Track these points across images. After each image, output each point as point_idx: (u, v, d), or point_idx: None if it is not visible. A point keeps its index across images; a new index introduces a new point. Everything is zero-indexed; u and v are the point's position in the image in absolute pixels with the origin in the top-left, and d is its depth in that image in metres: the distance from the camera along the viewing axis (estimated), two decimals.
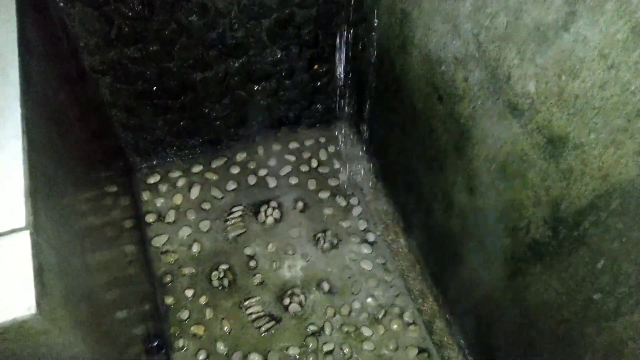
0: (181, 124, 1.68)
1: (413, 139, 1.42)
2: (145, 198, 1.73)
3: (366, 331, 1.51)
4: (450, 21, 1.09)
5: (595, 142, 0.79)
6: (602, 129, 0.77)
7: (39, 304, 0.52)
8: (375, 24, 1.48)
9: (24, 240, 0.54)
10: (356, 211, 1.76)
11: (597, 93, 0.77)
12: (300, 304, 1.54)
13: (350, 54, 1.65)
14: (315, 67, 1.69)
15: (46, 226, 0.61)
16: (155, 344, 1.31)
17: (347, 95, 1.83)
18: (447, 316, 1.50)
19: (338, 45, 1.62)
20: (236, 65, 1.56)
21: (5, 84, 0.65)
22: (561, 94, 0.83)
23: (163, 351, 1.34)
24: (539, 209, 0.95)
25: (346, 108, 1.88)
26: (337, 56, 1.66)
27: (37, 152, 0.66)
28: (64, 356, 0.62)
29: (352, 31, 1.58)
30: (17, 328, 0.52)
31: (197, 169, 1.81)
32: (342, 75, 1.72)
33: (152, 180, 1.77)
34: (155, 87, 1.51)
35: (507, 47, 0.93)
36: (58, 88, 1.01)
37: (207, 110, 1.67)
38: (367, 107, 1.74)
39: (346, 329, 1.51)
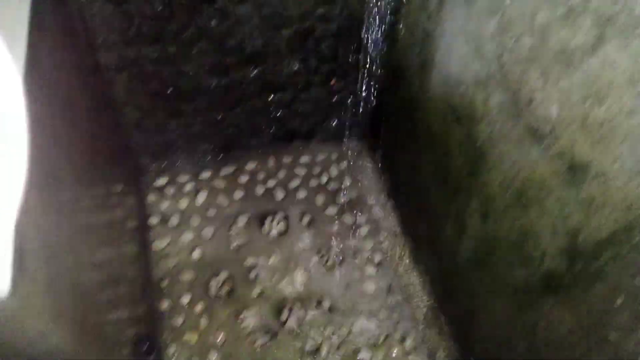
0: (193, 128, 1.67)
1: (427, 160, 1.39)
2: (151, 200, 1.71)
3: (365, 355, 1.45)
4: (474, 41, 1.06)
5: (619, 171, 0.75)
6: (627, 158, 0.73)
7: (14, 287, 0.49)
8: (396, 43, 1.46)
9: (7, 218, 0.51)
10: (363, 230, 1.72)
11: (623, 120, 0.73)
12: (298, 320, 1.49)
13: (368, 71, 1.63)
14: (332, 82, 1.67)
15: (35, 208, 0.59)
16: (145, 348, 1.27)
17: (362, 113, 1.81)
18: (451, 347, 1.44)
19: (356, 62, 1.61)
20: (253, 74, 1.55)
21: (9, 55, 0.63)
22: (585, 120, 0.79)
23: (152, 357, 1.30)
24: (555, 238, 0.91)
25: (360, 126, 1.86)
26: (355, 73, 1.65)
27: (35, 131, 0.64)
28: (39, 346, 0.59)
29: (371, 48, 1.57)
30: None
31: (205, 175, 1.79)
32: (358, 93, 1.70)
33: (159, 182, 1.76)
34: (170, 89, 1.51)
35: (530, 70, 0.90)
36: (69, 78, 1.00)
37: (220, 117, 1.66)
38: (382, 125, 1.72)
39: (344, 351, 1.45)
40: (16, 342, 0.57)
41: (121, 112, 1.54)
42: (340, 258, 1.64)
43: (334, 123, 1.84)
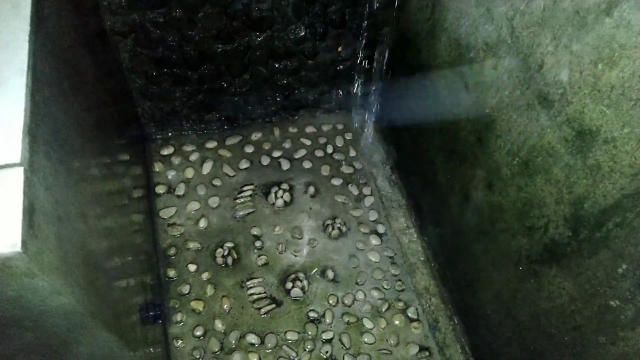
0: (199, 96, 1.67)
1: (434, 130, 1.38)
2: (157, 169, 1.73)
3: (367, 323, 1.48)
4: (484, 4, 1.04)
5: (628, 137, 0.74)
6: (638, 123, 0.73)
7: (24, 243, 0.50)
8: (406, 7, 1.44)
9: (17, 176, 0.53)
10: (368, 201, 1.73)
11: (635, 84, 0.72)
12: (302, 289, 1.52)
13: (376, 37, 1.61)
14: (340, 49, 1.65)
15: (44, 168, 0.60)
16: (153, 314, 1.30)
17: (369, 81, 1.79)
18: (453, 316, 1.46)
19: (364, 28, 1.58)
20: (259, 39, 1.54)
21: (16, 17, 0.64)
22: (596, 84, 0.78)
23: (159, 321, 1.33)
24: (560, 207, 0.91)
25: (367, 95, 1.84)
26: (363, 40, 1.62)
27: (43, 93, 0.65)
28: (50, 303, 0.61)
29: (380, 14, 1.54)
30: (1, 265, 0.50)
31: (211, 144, 1.80)
32: (365, 60, 1.68)
33: (165, 151, 1.77)
34: (175, 56, 1.50)
35: (542, 33, 0.89)
36: (75, 41, 1.00)
37: (225, 85, 1.65)
38: (389, 94, 1.70)
39: (347, 319, 1.48)
40: (28, 298, 0.59)
41: (127, 79, 1.54)
42: (345, 229, 1.66)
43: (341, 92, 1.83)
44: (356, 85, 1.80)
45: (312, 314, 1.48)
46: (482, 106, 1.10)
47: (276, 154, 1.81)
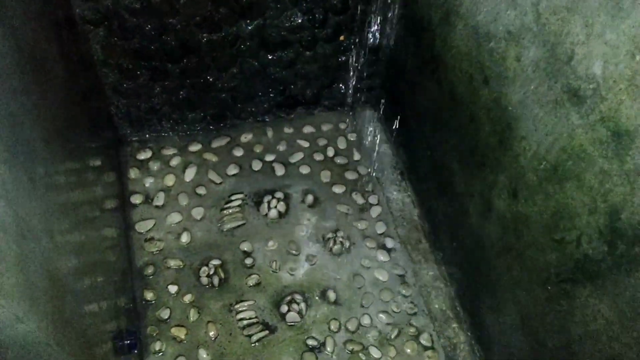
0: (181, 93, 1.68)
1: (449, 130, 1.39)
2: (133, 176, 1.73)
3: (375, 352, 1.48)
4: None
5: None
6: None
7: None
8: None
9: None
10: (375, 211, 1.73)
11: None
12: (300, 313, 1.52)
13: (383, 25, 1.62)
14: (342, 38, 1.66)
15: (3, 176, 0.60)
16: (128, 342, 1.30)
17: (375, 74, 1.80)
18: (473, 343, 1.46)
19: (370, 14, 1.59)
20: (249, 28, 1.55)
21: None
22: (633, 78, 0.79)
23: (135, 351, 1.33)
24: (594, 217, 0.91)
25: (373, 90, 1.85)
26: (368, 27, 1.64)
27: (1, 88, 0.65)
28: (10, 333, 0.61)
29: None
30: None
31: (195, 147, 1.81)
32: (371, 51, 1.69)
33: (142, 156, 1.77)
34: (154, 46, 1.51)
35: (571, 20, 0.89)
36: (41, 31, 1.01)
37: (211, 80, 1.66)
38: (398, 89, 1.71)
39: (351, 347, 1.48)
40: None
41: (99, 73, 1.55)
42: (348, 243, 1.66)
43: (343, 87, 1.84)
44: (360, 79, 1.81)
45: (310, 342, 1.48)
46: (504, 103, 1.11)
47: (269, 157, 1.81)
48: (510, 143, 1.11)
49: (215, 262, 1.59)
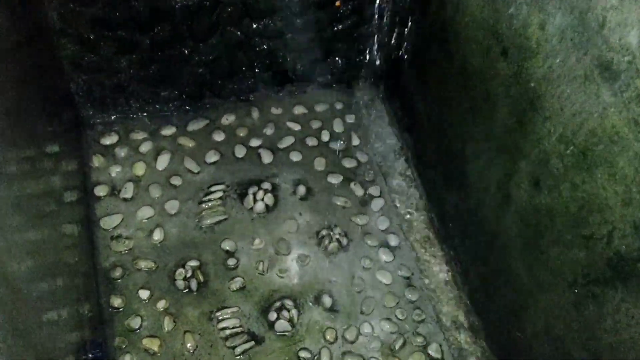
0: (151, 67, 1.67)
1: (462, 110, 1.39)
2: (97, 164, 1.72)
3: None
4: None
5: None
6: None
7: None
8: None
9: None
10: (376, 204, 1.74)
11: None
12: (290, 321, 1.53)
13: None
14: (337, 4, 1.66)
15: None
16: (92, 356, 1.31)
17: (377, 46, 1.80)
18: (488, 355, 1.47)
19: None
20: None
21: None
22: None
23: None
24: (628, 210, 0.91)
25: (375, 64, 1.84)
26: None
27: None
28: None
29: None
30: None
31: (168, 131, 1.80)
32: (373, 17, 1.68)
33: (107, 140, 1.76)
34: (119, 13, 1.49)
35: None
36: None
37: (187, 52, 1.65)
38: (404, 64, 1.71)
39: None
40: None
41: (56, 45, 1.53)
42: (346, 241, 1.66)
43: (340, 61, 1.83)
44: (360, 51, 1.81)
45: (303, 354, 1.49)
46: (526, 78, 1.11)
47: (255, 143, 1.80)
48: (531, 125, 1.12)
49: (193, 263, 1.59)
